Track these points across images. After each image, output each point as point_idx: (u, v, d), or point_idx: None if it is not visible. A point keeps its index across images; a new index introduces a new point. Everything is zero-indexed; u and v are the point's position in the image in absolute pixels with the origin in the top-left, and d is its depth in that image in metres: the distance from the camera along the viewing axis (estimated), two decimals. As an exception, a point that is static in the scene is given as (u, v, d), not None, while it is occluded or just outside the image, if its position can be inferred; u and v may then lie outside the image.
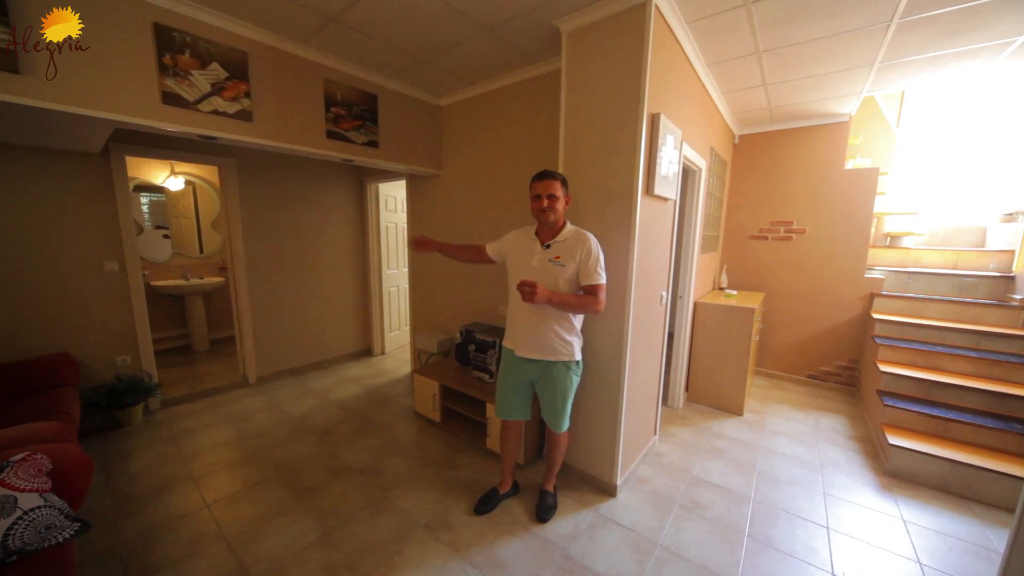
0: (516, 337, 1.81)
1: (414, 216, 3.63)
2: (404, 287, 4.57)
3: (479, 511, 1.96)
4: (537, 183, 1.69)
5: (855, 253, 3.48)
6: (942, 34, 2.05)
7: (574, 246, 1.68)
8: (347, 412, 3.07)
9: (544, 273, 1.69)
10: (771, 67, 2.46)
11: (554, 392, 1.80)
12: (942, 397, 2.60)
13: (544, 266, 1.69)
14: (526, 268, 1.74)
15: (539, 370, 1.80)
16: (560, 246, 1.70)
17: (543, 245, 1.72)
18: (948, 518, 2.05)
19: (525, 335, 1.77)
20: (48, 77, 1.55)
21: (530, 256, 1.74)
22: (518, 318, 1.78)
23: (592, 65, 1.93)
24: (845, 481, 2.34)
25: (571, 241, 1.70)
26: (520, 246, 1.80)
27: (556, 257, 1.68)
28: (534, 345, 1.75)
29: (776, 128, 3.63)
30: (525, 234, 1.81)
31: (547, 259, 1.69)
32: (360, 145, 2.68)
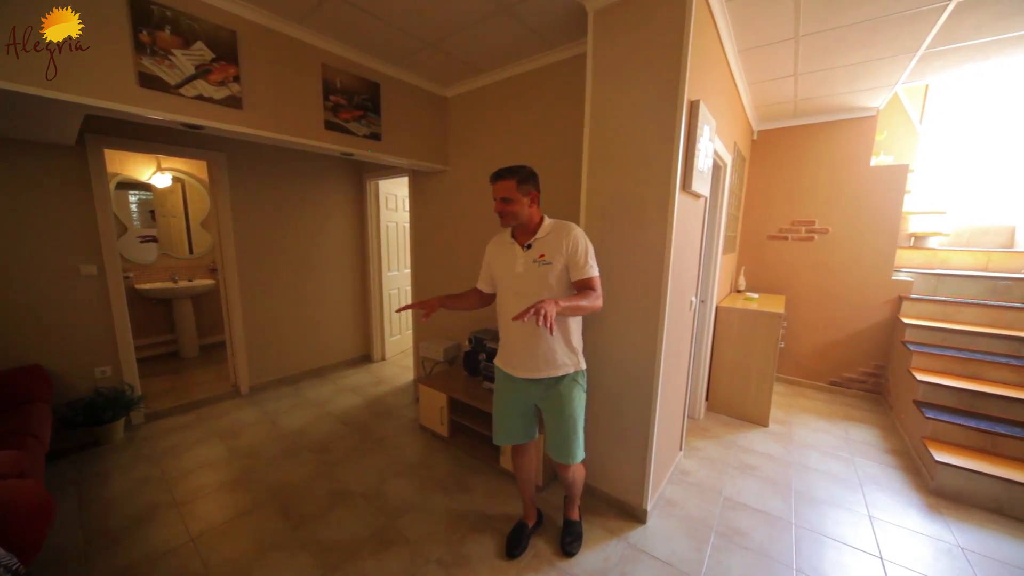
0: (513, 356, 1.58)
1: (417, 215, 3.42)
2: (406, 289, 4.36)
3: (512, 554, 1.71)
4: (491, 185, 1.51)
5: (882, 254, 3.32)
6: (1005, 14, 1.87)
7: (557, 240, 1.49)
8: (346, 426, 2.86)
9: (532, 277, 1.50)
10: (807, 54, 2.28)
11: (562, 414, 1.56)
12: (986, 409, 2.43)
13: (530, 269, 1.50)
14: (511, 276, 1.55)
15: (542, 390, 1.57)
16: (542, 243, 1.51)
17: (523, 247, 1.53)
18: (1008, 544, 1.87)
19: (524, 352, 1.53)
20: (48, 77, 1.45)
21: (512, 262, 1.54)
22: (514, 334, 1.55)
23: (623, 47, 1.74)
24: (889, 501, 2.16)
25: (553, 235, 1.51)
26: (501, 255, 1.60)
27: (540, 256, 1.49)
28: (535, 362, 1.52)
29: (799, 123, 3.46)
30: (502, 240, 1.62)
31: (531, 260, 1.50)
32: (361, 138, 2.47)
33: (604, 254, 1.91)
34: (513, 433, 1.67)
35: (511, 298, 1.54)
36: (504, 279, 1.58)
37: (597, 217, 1.92)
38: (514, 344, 1.56)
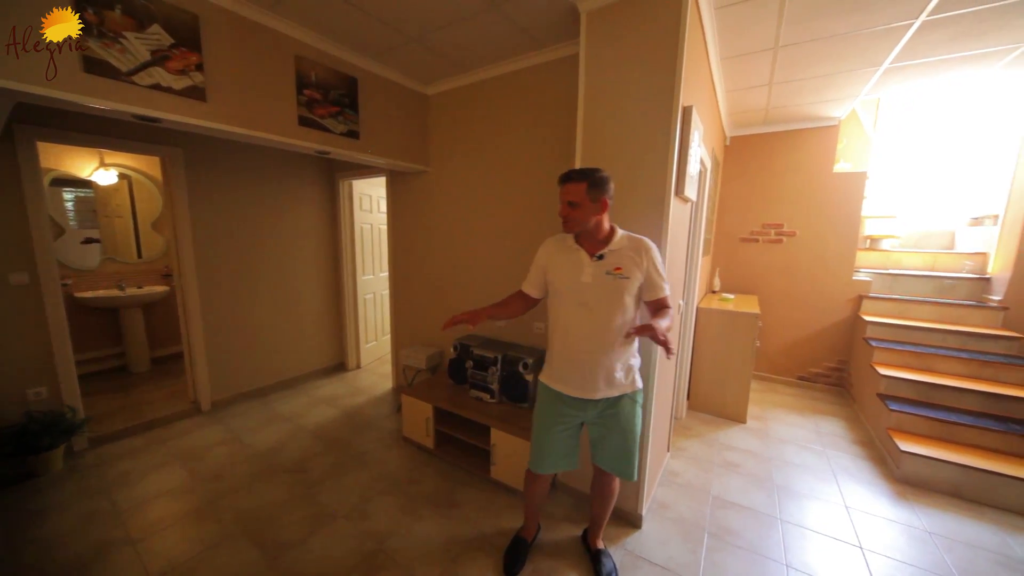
0: (572, 375, 1.44)
1: (396, 217, 3.29)
2: (382, 294, 4.19)
3: (512, 572, 1.63)
4: (560, 188, 1.38)
5: (843, 255, 3.52)
6: (959, 36, 2.02)
7: (636, 255, 1.39)
8: (324, 441, 2.69)
9: (604, 289, 1.38)
10: (784, 64, 2.37)
11: (623, 433, 1.47)
12: (941, 399, 2.63)
13: (601, 281, 1.38)
14: (576, 285, 1.40)
15: (599, 410, 1.47)
16: (616, 256, 1.39)
17: (594, 256, 1.40)
18: (968, 526, 2.02)
19: (587, 371, 1.41)
20: (48, 78, 1.40)
21: (578, 270, 1.41)
22: (578, 351, 1.42)
23: (616, 50, 1.72)
24: (862, 491, 2.28)
25: (628, 249, 1.40)
26: (562, 261, 1.45)
27: (617, 269, 1.37)
28: (596, 383, 1.42)
29: (768, 130, 3.61)
30: (564, 244, 1.47)
31: (604, 272, 1.38)
32: (339, 135, 2.32)
33: (598, 259, 1.89)
34: (559, 459, 1.52)
35: (575, 308, 1.41)
36: (567, 288, 1.43)
37: (590, 221, 1.89)
38: (579, 362, 1.42)
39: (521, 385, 2.31)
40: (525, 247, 2.55)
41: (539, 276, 1.53)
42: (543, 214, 2.44)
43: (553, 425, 1.50)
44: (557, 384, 1.48)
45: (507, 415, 2.26)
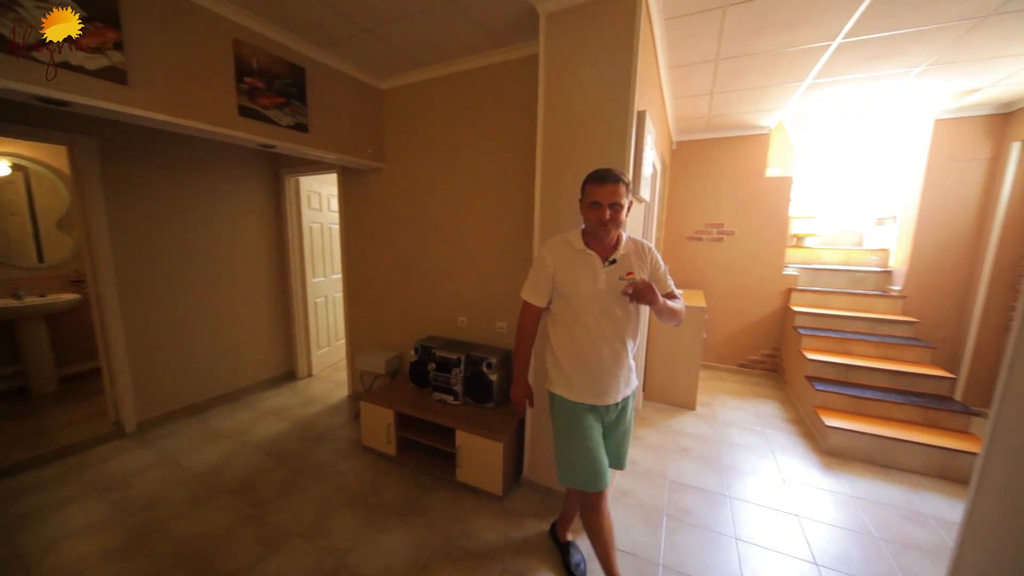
0: (595, 384, 1.39)
1: (349, 216, 3.13)
2: (334, 297, 3.98)
3: None
4: (598, 187, 1.29)
5: (775, 252, 3.87)
6: (863, 59, 2.29)
7: (641, 257, 1.39)
8: (274, 457, 2.50)
9: (617, 295, 1.34)
10: (723, 76, 2.55)
11: (625, 429, 1.50)
12: (857, 378, 2.98)
13: (616, 286, 1.34)
14: (592, 293, 1.35)
15: (616, 411, 1.45)
16: (626, 260, 1.36)
17: (606, 261, 1.36)
18: (881, 488, 2.30)
19: (610, 378, 1.38)
20: (48, 78, 1.40)
21: (594, 276, 1.35)
22: (600, 359, 1.37)
23: (575, 53, 1.76)
24: (796, 464, 2.52)
25: (634, 252, 1.39)
26: (574, 266, 1.37)
27: (629, 274, 1.32)
28: (618, 387, 1.40)
29: (710, 136, 3.88)
30: (570, 248, 1.39)
31: (617, 277, 1.34)
32: (285, 128, 2.17)
33: (560, 257, 1.92)
34: (605, 469, 1.41)
35: (597, 317, 1.35)
36: (582, 295, 1.36)
37: (553, 223, 1.93)
38: (598, 368, 1.37)
39: (485, 385, 2.30)
40: (486, 247, 2.54)
41: (547, 284, 1.42)
42: (506, 212, 2.44)
43: (583, 428, 1.41)
44: (581, 396, 1.40)
45: (472, 416, 2.24)
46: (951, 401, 2.71)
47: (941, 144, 3.28)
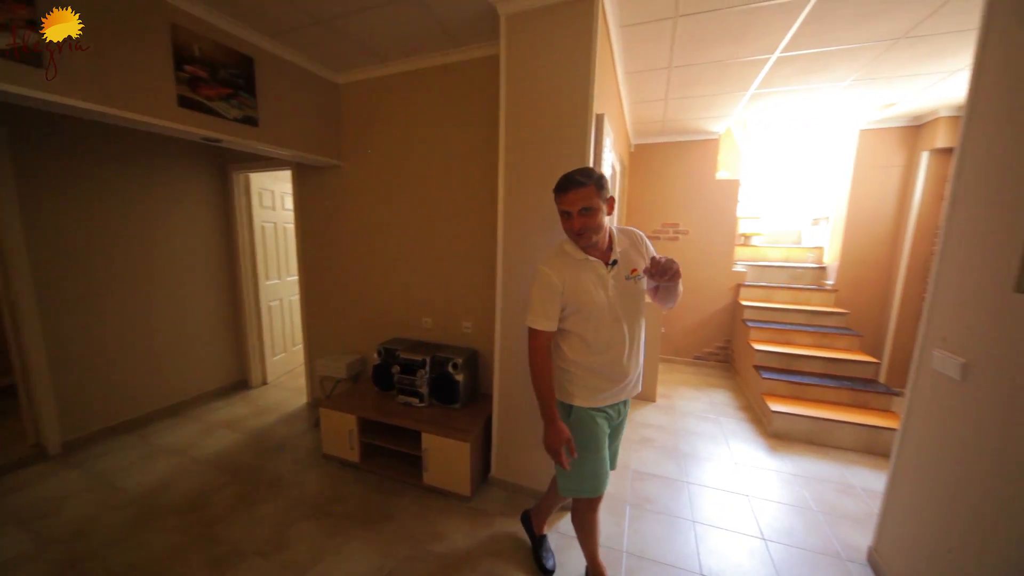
0: (613, 386, 1.36)
1: (305, 215, 2.99)
2: (290, 300, 3.79)
3: None
4: (562, 196, 1.24)
5: (725, 251, 4.12)
6: (799, 73, 2.49)
7: (637, 248, 1.36)
8: (225, 471, 2.35)
9: (629, 296, 1.32)
10: (676, 82, 2.68)
11: (622, 426, 1.51)
12: (797, 366, 3.23)
13: (623, 288, 1.31)
14: (605, 301, 1.30)
15: (625, 407, 1.47)
16: (625, 256, 1.33)
17: (608, 264, 1.31)
18: (819, 465, 2.52)
19: (628, 377, 1.37)
20: (48, 78, 1.43)
21: (603, 284, 1.30)
22: (619, 362, 1.33)
23: (536, 56, 1.78)
24: (746, 448, 2.70)
25: (628, 246, 1.35)
26: (583, 278, 1.29)
27: (633, 271, 1.31)
28: (628, 386, 1.39)
29: (665, 140, 4.06)
30: (571, 260, 1.31)
31: (623, 278, 1.31)
32: (232, 121, 2.04)
33: (527, 259, 1.95)
34: (607, 473, 1.41)
35: (611, 325, 1.30)
36: (596, 305, 1.29)
37: (517, 222, 1.94)
38: (618, 371, 1.34)
39: (451, 386, 2.28)
40: (450, 246, 2.52)
41: (556, 305, 1.31)
42: (467, 213, 2.43)
43: (596, 440, 1.37)
44: (599, 401, 1.37)
45: (438, 418, 2.21)
46: (875, 383, 3.01)
47: (865, 152, 3.63)
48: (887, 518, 1.68)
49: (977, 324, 1.29)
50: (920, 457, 1.51)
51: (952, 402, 1.36)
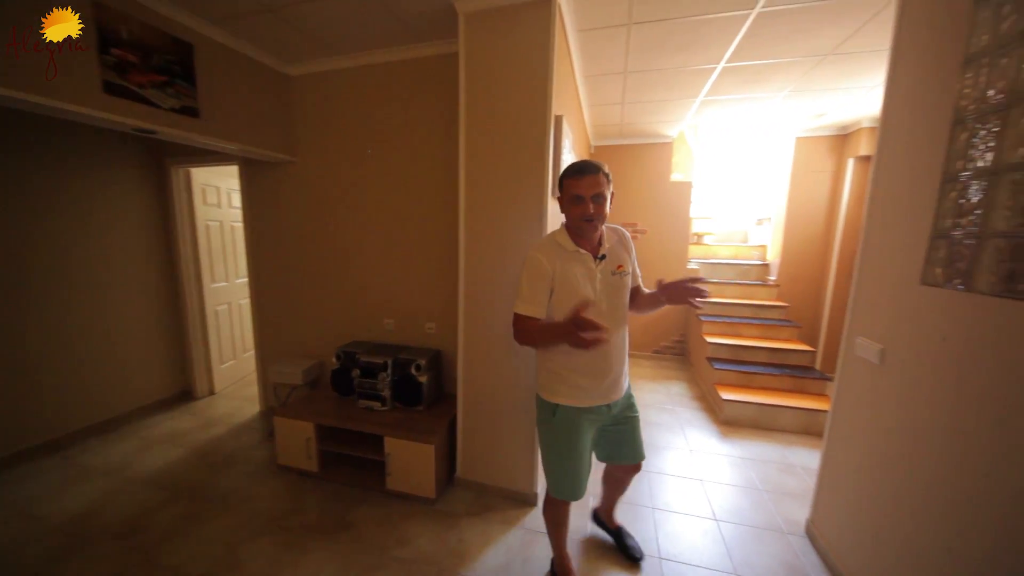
0: (597, 385, 1.35)
1: (255, 214, 2.82)
2: (240, 304, 3.56)
3: None
4: (578, 181, 1.23)
5: (680, 249, 4.33)
6: (742, 83, 2.67)
7: (624, 246, 1.38)
8: (165, 490, 2.17)
9: (613, 291, 1.33)
10: (631, 87, 2.79)
11: (637, 420, 1.50)
12: (745, 356, 3.46)
13: (610, 283, 1.32)
14: (592, 294, 1.30)
15: (620, 407, 1.45)
16: (613, 253, 1.35)
17: (596, 257, 1.31)
18: (763, 448, 2.71)
19: (612, 375, 1.36)
20: (48, 78, 1.46)
21: (591, 277, 1.30)
22: (604, 359, 1.33)
23: (495, 55, 1.79)
24: (699, 435, 2.86)
25: (616, 242, 1.37)
26: (573, 269, 1.30)
27: (619, 268, 1.33)
28: (618, 382, 1.39)
29: (623, 143, 4.21)
30: (562, 250, 1.31)
31: (610, 273, 1.32)
32: (168, 111, 1.89)
33: (489, 258, 1.95)
34: (588, 474, 1.42)
35: (596, 318, 1.20)
36: (580, 296, 1.29)
37: (478, 222, 1.94)
38: (602, 369, 1.33)
39: (415, 388, 2.24)
40: (412, 245, 2.48)
41: (545, 290, 1.30)
42: (429, 212, 2.40)
43: (578, 443, 1.37)
44: (579, 400, 1.35)
45: (401, 421, 2.17)
46: (812, 370, 3.28)
47: (801, 157, 3.94)
48: (821, 493, 1.84)
49: (891, 313, 1.45)
50: (848, 436, 1.67)
51: (873, 384, 1.52)
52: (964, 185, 1.19)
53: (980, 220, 1.12)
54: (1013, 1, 1.07)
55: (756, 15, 1.88)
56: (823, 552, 1.75)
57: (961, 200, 1.19)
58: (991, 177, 1.10)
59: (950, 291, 1.20)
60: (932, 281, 1.27)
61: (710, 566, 1.73)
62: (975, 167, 1.15)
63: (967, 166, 1.18)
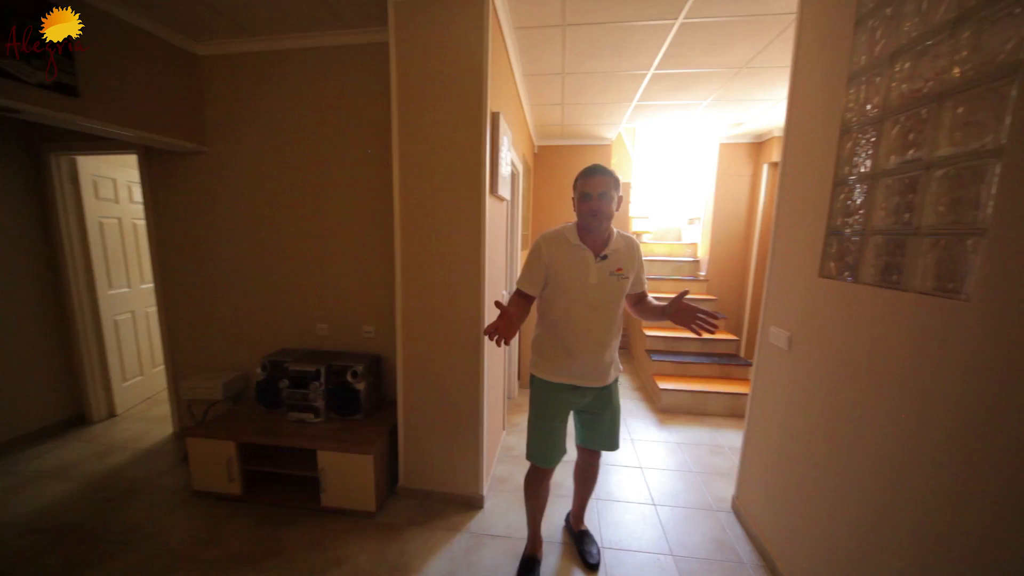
0: (576, 367, 1.47)
1: (160, 210, 2.50)
2: (148, 312, 3.15)
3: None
4: (587, 180, 1.38)
5: (620, 247, 4.52)
6: (671, 89, 2.83)
7: (630, 253, 1.47)
8: (45, 534, 1.85)
9: (608, 290, 1.42)
10: (570, 89, 2.84)
11: (611, 411, 1.59)
12: (680, 348, 3.69)
13: (606, 282, 1.41)
14: (583, 286, 1.41)
15: (593, 395, 1.54)
16: (617, 255, 1.43)
17: (598, 256, 1.41)
18: (696, 432, 2.91)
19: (593, 364, 1.46)
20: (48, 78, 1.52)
21: (586, 271, 1.40)
22: (584, 346, 1.44)
23: (428, 47, 1.72)
24: (640, 424, 3.00)
25: (624, 248, 1.46)
26: (569, 260, 1.42)
27: (619, 269, 1.42)
28: (598, 372, 1.48)
29: (566, 143, 4.30)
30: (565, 242, 1.44)
31: (608, 272, 1.41)
32: (36, 88, 1.60)
33: (427, 256, 1.88)
34: (559, 450, 1.57)
35: (582, 309, 1.42)
36: (574, 288, 1.41)
37: (414, 220, 1.87)
38: (582, 354, 1.45)
39: (351, 396, 2.11)
40: (347, 245, 2.33)
41: (540, 274, 1.45)
42: (364, 209, 2.27)
43: (555, 417, 1.53)
44: (559, 377, 1.49)
45: (337, 433, 2.03)
46: (736, 357, 3.58)
47: (724, 162, 4.28)
48: (744, 471, 2.00)
49: (797, 304, 1.60)
50: (765, 417, 1.83)
51: (784, 369, 1.67)
52: (850, 188, 1.34)
53: (863, 219, 1.27)
54: (885, 27, 1.22)
55: (680, 25, 1.99)
56: (747, 525, 1.90)
57: (848, 201, 1.34)
58: (871, 181, 1.25)
59: (841, 282, 1.35)
60: (828, 274, 1.42)
61: (649, 549, 1.81)
62: (858, 172, 1.30)
63: (852, 171, 1.33)
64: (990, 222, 0.88)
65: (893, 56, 1.17)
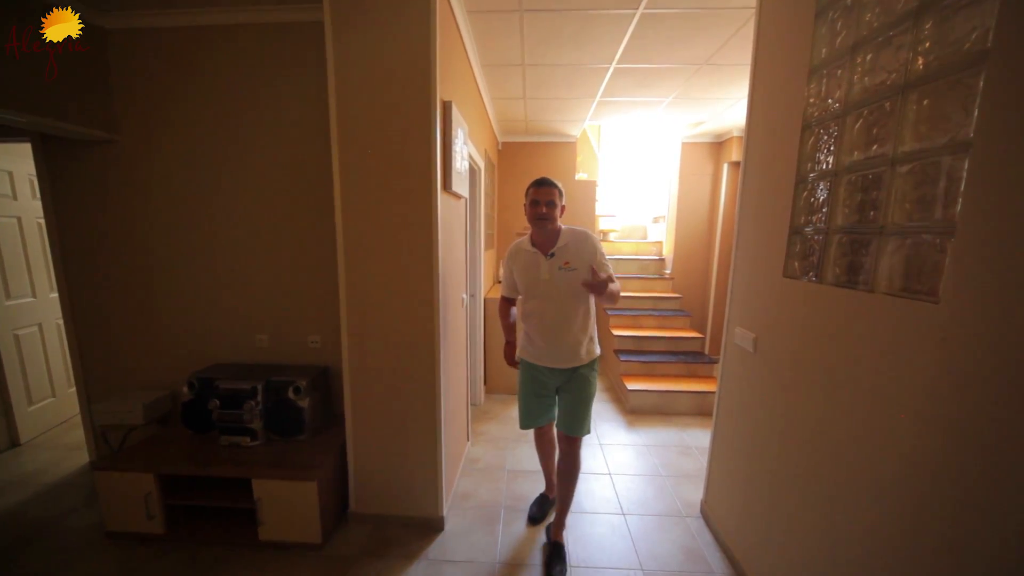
0: (547, 351, 1.70)
1: (63, 207, 2.16)
2: (58, 324, 2.76)
3: (537, 520, 1.97)
4: (536, 189, 1.65)
5: (587, 246, 4.48)
6: (634, 85, 2.78)
7: (579, 247, 1.63)
8: (-90, 598, 1.53)
9: (559, 282, 1.63)
10: (532, 82, 2.73)
11: (581, 395, 1.72)
12: (647, 347, 3.68)
13: (556, 276, 1.63)
14: (537, 282, 1.66)
15: (566, 376, 1.72)
16: (564, 251, 1.63)
17: (547, 255, 1.63)
18: (664, 433, 2.88)
19: (559, 348, 1.68)
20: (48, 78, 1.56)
21: (537, 269, 1.65)
22: (550, 333, 1.68)
23: (369, 28, 1.55)
24: (608, 428, 2.95)
25: (573, 244, 1.64)
26: (525, 264, 1.70)
27: (565, 263, 1.61)
28: (559, 355, 1.69)
29: (529, 140, 4.20)
30: (522, 250, 1.71)
31: (557, 267, 1.62)
32: None
33: (374, 259, 1.71)
34: (537, 417, 1.82)
35: (541, 301, 1.67)
36: (531, 285, 1.68)
37: (357, 217, 1.69)
38: (550, 339, 1.68)
39: (294, 414, 1.90)
40: (288, 248, 2.11)
41: (511, 279, 1.78)
42: (306, 208, 2.06)
43: (531, 392, 1.79)
44: (535, 359, 1.74)
45: (277, 456, 1.82)
46: (702, 355, 3.60)
47: (686, 161, 4.32)
48: (712, 475, 1.96)
49: (761, 304, 1.55)
50: (732, 422, 1.78)
51: (750, 371, 1.63)
52: (813, 185, 1.29)
53: (826, 217, 1.22)
54: (845, 18, 1.18)
55: (640, 16, 1.92)
56: (715, 531, 1.86)
57: (811, 199, 1.30)
58: (833, 178, 1.20)
59: (805, 283, 1.30)
60: (792, 274, 1.38)
61: (619, 565, 1.72)
62: (820, 169, 1.26)
63: (814, 168, 1.29)
64: (959, 220, 0.83)
65: (854, 48, 1.12)
